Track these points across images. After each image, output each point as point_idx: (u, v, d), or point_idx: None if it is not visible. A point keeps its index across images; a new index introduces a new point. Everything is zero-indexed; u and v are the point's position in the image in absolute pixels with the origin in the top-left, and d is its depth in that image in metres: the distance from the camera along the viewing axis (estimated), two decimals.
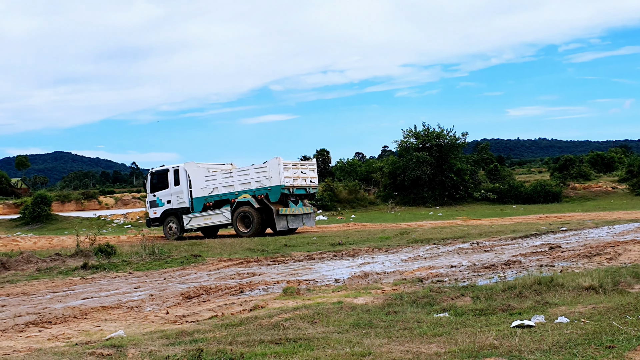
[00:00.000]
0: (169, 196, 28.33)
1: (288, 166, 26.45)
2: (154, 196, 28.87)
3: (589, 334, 6.59)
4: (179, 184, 28.04)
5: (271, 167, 26.25)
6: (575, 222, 23.80)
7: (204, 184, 27.50)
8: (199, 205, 27.57)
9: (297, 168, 27.09)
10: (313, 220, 28.27)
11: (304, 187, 27.19)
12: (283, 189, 25.88)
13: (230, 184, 27.01)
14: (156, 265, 16.05)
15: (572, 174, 55.90)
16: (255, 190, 26.37)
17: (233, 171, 27.47)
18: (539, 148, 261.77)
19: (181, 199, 28.01)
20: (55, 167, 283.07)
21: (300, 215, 27.04)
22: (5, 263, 15.93)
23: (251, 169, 27.12)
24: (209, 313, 9.29)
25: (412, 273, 12.43)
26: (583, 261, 12.78)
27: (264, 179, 26.23)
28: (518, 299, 8.75)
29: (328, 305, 9.14)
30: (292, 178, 26.42)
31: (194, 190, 27.72)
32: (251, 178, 26.64)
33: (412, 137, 47.61)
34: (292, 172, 26.55)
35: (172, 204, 28.26)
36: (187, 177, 27.91)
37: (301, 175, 27.05)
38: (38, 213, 45.10)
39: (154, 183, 28.93)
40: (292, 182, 26.39)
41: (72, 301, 10.97)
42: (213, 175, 27.54)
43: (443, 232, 22.19)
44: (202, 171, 27.81)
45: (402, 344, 6.68)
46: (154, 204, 28.85)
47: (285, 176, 26.03)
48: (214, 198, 27.30)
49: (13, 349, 7.53)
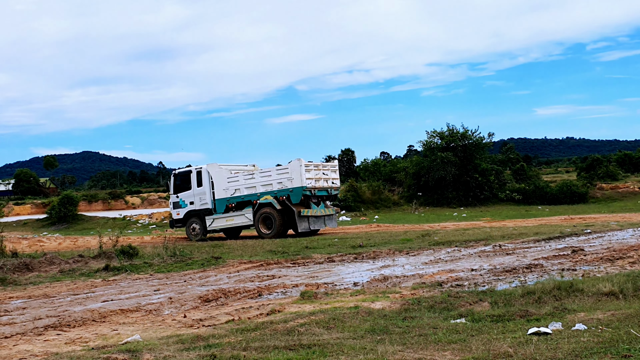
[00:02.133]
0: (192, 197, 28.41)
1: (310, 167, 26.40)
2: (177, 197, 28.98)
3: (606, 342, 6.49)
4: (202, 185, 28.10)
5: (293, 168, 26.24)
6: (600, 224, 23.50)
7: (226, 185, 27.55)
8: (222, 207, 27.61)
9: (318, 169, 27.02)
10: (335, 221, 28.18)
11: (326, 188, 27.13)
12: (305, 190, 25.86)
13: (252, 186, 27.01)
14: (177, 267, 16.13)
15: (600, 174, 55.25)
16: (277, 192, 26.34)
17: (255, 172, 27.45)
18: (567, 147, 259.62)
19: (204, 200, 28.08)
20: (84, 166, 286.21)
21: (322, 217, 26.97)
22: (29, 264, 16.09)
23: (273, 171, 27.13)
24: (226, 317, 9.30)
25: (432, 277, 12.35)
26: (605, 265, 12.62)
27: (286, 180, 26.22)
28: (537, 305, 8.65)
29: (345, 310, 9.10)
30: (314, 179, 26.39)
31: (216, 191, 27.76)
32: (273, 179, 26.62)
33: (436, 138, 47.37)
34: (313, 173, 26.51)
35: (195, 205, 28.35)
36: (210, 178, 27.93)
37: (323, 176, 27.04)
38: (64, 213, 45.53)
39: (177, 184, 29.03)
40: (314, 184, 26.36)
41: (92, 304, 11.06)
42: (235, 177, 27.58)
43: (465, 234, 22.03)
44: (225, 172, 27.83)
45: (416, 351, 6.63)
46: (177, 205, 28.96)
47: (307, 177, 26.00)
48: (236, 199, 27.33)
49: (30, 353, 7.59)
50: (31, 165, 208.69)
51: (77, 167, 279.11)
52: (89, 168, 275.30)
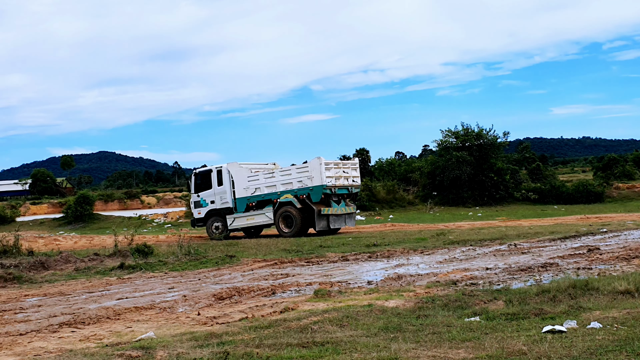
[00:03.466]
0: (213, 196, 28.33)
1: (330, 166, 26.21)
2: (198, 196, 28.93)
3: (621, 340, 6.44)
4: (222, 184, 28.02)
5: (313, 167, 26.05)
6: (616, 223, 23.34)
7: (246, 184, 27.45)
8: (242, 206, 27.53)
9: (338, 168, 26.81)
10: (354, 220, 27.93)
11: (346, 186, 26.88)
12: (325, 188, 25.64)
13: (273, 184, 26.87)
14: (191, 266, 16.17)
15: (616, 174, 54.87)
16: (297, 190, 26.18)
17: (275, 171, 27.30)
18: (583, 147, 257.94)
19: (224, 199, 28.00)
20: (100, 166, 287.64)
21: (343, 215, 26.76)
22: (45, 263, 16.19)
23: (293, 169, 27.06)
24: (240, 315, 9.31)
25: (446, 275, 12.31)
26: (621, 264, 12.54)
27: (306, 179, 26.03)
28: (552, 303, 8.60)
29: (358, 308, 9.08)
30: (334, 178, 26.16)
31: (236, 190, 27.69)
32: (293, 178, 26.49)
33: (451, 137, 47.17)
34: (333, 171, 26.29)
35: (215, 204, 28.27)
36: (230, 177, 27.86)
37: (343, 174, 26.77)
38: (81, 212, 45.76)
39: (197, 183, 28.99)
40: (334, 182, 26.13)
41: (106, 301, 11.11)
42: (255, 176, 27.46)
43: (480, 233, 21.95)
44: (245, 171, 27.76)
45: (430, 349, 6.61)
46: (198, 204, 28.92)
47: (327, 176, 25.79)
48: (257, 198, 27.20)
49: (45, 349, 7.63)
50: (48, 165, 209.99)
51: (94, 167, 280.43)
52: (106, 168, 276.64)
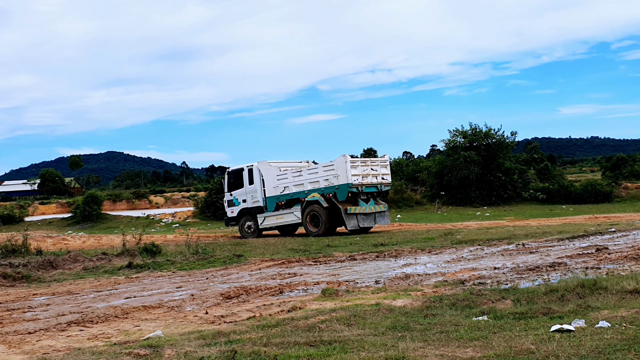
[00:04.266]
0: (244, 195, 28.18)
1: (356, 164, 25.73)
2: (230, 195, 28.79)
3: (630, 339, 6.41)
4: (253, 182, 27.84)
5: (338, 165, 25.55)
6: (625, 223, 23.26)
7: (276, 183, 27.15)
8: (272, 205, 27.30)
9: (366, 165, 26.24)
10: (387, 218, 27.16)
11: (375, 184, 26.27)
12: (351, 187, 25.20)
13: (300, 183, 26.55)
14: (199, 265, 16.21)
15: (625, 174, 54.60)
16: (324, 189, 25.81)
17: (303, 170, 26.94)
18: (592, 147, 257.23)
19: (255, 198, 27.82)
20: (108, 166, 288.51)
21: (373, 214, 26.08)
22: (53, 262, 16.26)
23: (319, 168, 26.59)
24: (247, 314, 9.32)
25: (454, 275, 12.28)
26: (630, 263, 12.48)
27: (332, 177, 25.59)
28: (560, 303, 8.57)
29: (366, 307, 9.07)
30: (361, 176, 25.62)
31: (267, 189, 27.42)
32: (319, 177, 26.10)
33: (459, 137, 47.09)
34: (360, 169, 25.76)
35: (247, 203, 28.11)
36: (261, 176, 27.64)
37: (372, 172, 26.18)
38: (89, 212, 45.94)
39: (230, 182, 28.85)
40: (361, 180, 25.60)
41: (114, 300, 11.14)
42: (284, 174, 27.10)
43: (488, 233, 21.90)
44: (274, 170, 27.42)
45: (438, 348, 6.60)
46: (231, 203, 28.78)
47: (353, 174, 25.29)
48: (286, 197, 26.94)
49: (53, 348, 7.66)
50: (56, 165, 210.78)
51: (102, 167, 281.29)
52: (114, 168, 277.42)
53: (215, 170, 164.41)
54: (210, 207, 44.35)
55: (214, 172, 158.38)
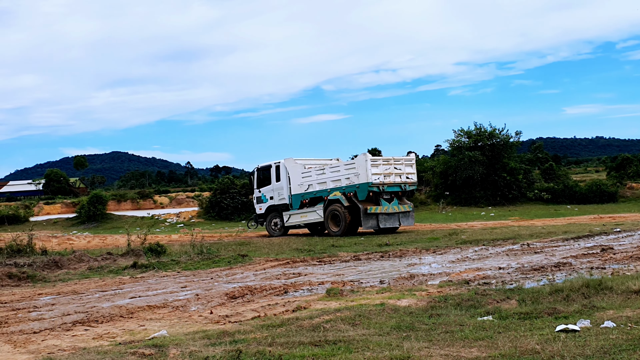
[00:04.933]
0: (272, 192, 27.97)
1: (377, 162, 25.09)
2: (259, 192, 28.56)
3: (635, 339, 6.39)
4: (280, 180, 27.60)
5: (359, 163, 25.01)
6: (630, 222, 23.22)
7: (300, 180, 26.81)
8: (297, 202, 26.97)
9: (389, 164, 25.43)
10: (412, 219, 26.32)
11: (399, 184, 25.49)
12: (371, 186, 24.53)
13: (323, 181, 26.09)
14: (204, 265, 16.21)
15: (630, 173, 54.52)
16: (345, 188, 25.27)
17: (325, 168, 26.46)
18: (596, 147, 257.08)
19: (281, 195, 27.57)
20: (113, 166, 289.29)
21: (396, 214, 25.36)
22: (58, 262, 16.28)
23: (341, 166, 26.05)
24: (252, 313, 9.32)
25: (459, 275, 12.28)
26: (635, 263, 12.46)
27: (353, 176, 25.04)
28: (565, 303, 8.55)
29: (370, 307, 9.07)
30: (383, 175, 24.92)
31: (292, 186, 27.09)
32: (341, 175, 25.56)
33: (463, 137, 47.04)
34: (382, 168, 25.06)
35: (274, 201, 27.91)
36: (287, 173, 27.31)
37: (395, 171, 25.40)
38: (94, 212, 45.97)
39: (259, 179, 28.60)
40: (383, 179, 24.89)
41: (119, 300, 11.15)
42: (308, 172, 26.68)
43: (493, 233, 21.89)
44: (299, 167, 27.07)
45: (442, 348, 6.59)
46: (260, 200, 28.56)
47: (373, 173, 24.62)
48: (310, 195, 26.51)
49: (58, 347, 7.67)
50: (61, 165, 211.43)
51: (107, 167, 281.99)
52: (118, 168, 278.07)
53: (219, 170, 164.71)
54: (215, 207, 44.38)
55: (219, 172, 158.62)
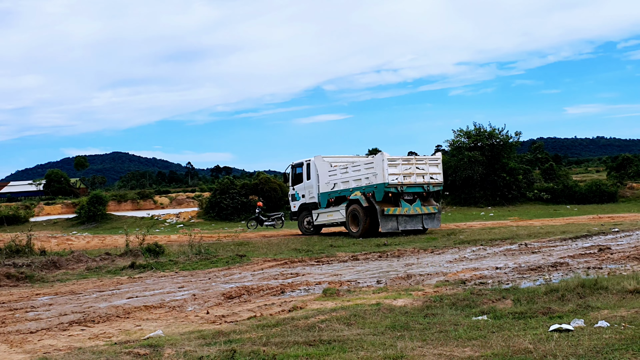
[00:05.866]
0: (304, 190, 27.52)
1: (396, 162, 23.70)
2: (293, 190, 28.21)
3: (628, 339, 6.41)
4: (310, 178, 27.09)
5: (376, 163, 23.92)
6: (629, 223, 23.24)
7: (327, 179, 26.14)
8: (324, 201, 26.32)
9: (409, 164, 24.08)
10: (437, 221, 24.67)
11: (421, 184, 24.01)
12: (387, 187, 23.28)
13: (346, 180, 25.21)
14: (202, 265, 16.23)
15: (630, 174, 54.58)
16: (365, 188, 24.22)
17: (348, 167, 25.44)
18: (597, 147, 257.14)
19: (312, 193, 27.03)
20: (113, 167, 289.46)
21: (419, 216, 23.91)
22: (57, 262, 16.31)
23: (362, 165, 24.94)
24: (248, 313, 9.34)
25: (456, 275, 12.30)
26: (632, 263, 12.49)
27: (372, 175, 23.97)
28: (560, 302, 8.57)
29: (366, 306, 9.09)
30: (402, 175, 23.61)
31: (320, 185, 26.52)
32: (362, 174, 24.50)
33: (463, 137, 47.08)
34: (401, 168, 23.74)
35: (305, 199, 27.43)
36: (316, 171, 26.74)
37: (417, 171, 24.00)
38: (93, 212, 46.03)
39: (294, 176, 28.24)
40: (402, 180, 23.57)
41: (116, 300, 11.17)
42: (334, 170, 25.92)
43: (491, 233, 21.91)
44: (326, 166, 26.33)
45: (436, 347, 6.61)
46: (294, 197, 28.18)
47: (391, 173, 23.38)
48: (335, 194, 25.72)
49: (54, 347, 7.69)
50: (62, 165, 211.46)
51: (107, 167, 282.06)
52: (119, 168, 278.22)
53: (220, 171, 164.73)
54: (215, 207, 44.42)
55: (220, 173, 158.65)
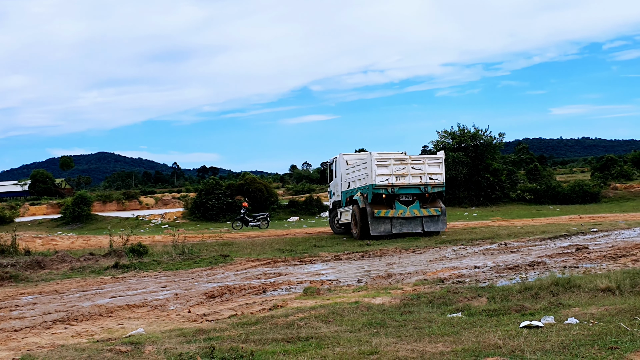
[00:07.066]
0: (333, 188, 27.25)
1: (387, 162, 22.53)
2: (329, 187, 28.02)
3: (595, 335, 6.62)
4: (336, 176, 26.67)
5: (367, 163, 22.94)
6: (608, 223, 23.54)
7: (345, 177, 25.45)
8: (344, 200, 25.60)
9: (403, 164, 22.71)
10: (442, 223, 22.88)
11: (417, 185, 22.60)
12: (376, 188, 22.29)
13: (354, 180, 24.48)
14: (185, 265, 16.37)
15: (614, 174, 55.06)
16: (362, 188, 23.40)
17: (355, 166, 24.53)
18: (583, 147, 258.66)
19: (337, 192, 26.61)
20: (99, 167, 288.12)
21: (418, 219, 22.56)
22: (41, 262, 16.39)
23: (361, 164, 23.78)
24: (229, 312, 9.50)
25: (435, 274, 12.51)
26: (608, 262, 12.72)
27: (366, 176, 23.05)
28: (533, 300, 8.79)
29: (345, 305, 9.28)
30: (394, 176, 22.43)
31: (342, 183, 25.85)
32: (361, 174, 23.60)
33: (447, 138, 47.39)
34: (393, 168, 22.51)
35: (335, 197, 27.08)
36: (339, 169, 26.14)
37: (412, 171, 22.64)
38: (78, 213, 45.93)
39: (329, 174, 27.87)
40: (393, 181, 22.40)
41: (100, 299, 11.30)
42: (348, 169, 25.16)
43: (473, 232, 22.16)
44: (344, 164, 25.64)
45: (410, 343, 6.80)
46: (330, 194, 27.96)
47: (379, 174, 22.35)
48: (350, 193, 24.77)
49: (38, 345, 7.83)
50: (47, 166, 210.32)
51: (93, 167, 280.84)
52: (105, 169, 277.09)
53: (207, 171, 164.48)
54: (200, 207, 44.44)
55: (206, 173, 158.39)
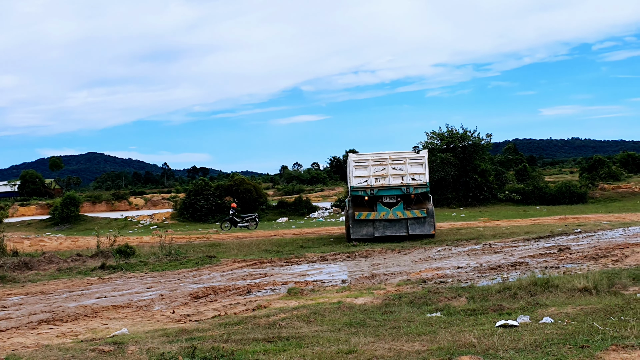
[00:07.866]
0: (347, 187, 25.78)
1: (365, 163, 22.04)
2: None
3: (568, 334, 6.79)
4: None
5: (348, 164, 22.47)
6: (592, 223, 23.75)
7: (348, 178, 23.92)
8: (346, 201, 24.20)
9: (383, 164, 22.02)
10: (429, 225, 21.75)
11: (398, 186, 21.86)
12: (354, 190, 21.91)
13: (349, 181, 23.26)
14: (172, 266, 16.45)
15: (602, 175, 55.29)
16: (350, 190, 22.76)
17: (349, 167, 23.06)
18: (572, 148, 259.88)
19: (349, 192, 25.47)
20: (89, 167, 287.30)
21: (403, 221, 21.74)
22: (28, 263, 16.44)
23: (350, 166, 22.78)
24: (213, 312, 9.63)
25: (418, 274, 12.66)
26: (589, 263, 12.91)
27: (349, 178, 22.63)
28: (511, 300, 8.95)
29: (327, 305, 9.42)
30: (373, 177, 21.91)
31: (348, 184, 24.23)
32: (351, 176, 22.67)
33: (436, 139, 47.58)
34: (373, 170, 21.95)
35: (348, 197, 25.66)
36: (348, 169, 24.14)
37: (393, 172, 21.94)
38: (67, 214, 45.83)
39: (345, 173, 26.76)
40: (372, 183, 21.88)
41: (85, 300, 11.40)
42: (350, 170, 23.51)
43: (459, 233, 22.32)
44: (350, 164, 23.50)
45: (387, 342, 6.94)
46: None
47: (357, 176, 21.97)
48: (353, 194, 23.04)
49: (23, 344, 7.93)
50: (37, 166, 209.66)
51: (83, 168, 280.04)
52: (94, 169, 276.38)
53: (197, 172, 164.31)
54: (189, 208, 44.41)
55: (196, 173, 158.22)
